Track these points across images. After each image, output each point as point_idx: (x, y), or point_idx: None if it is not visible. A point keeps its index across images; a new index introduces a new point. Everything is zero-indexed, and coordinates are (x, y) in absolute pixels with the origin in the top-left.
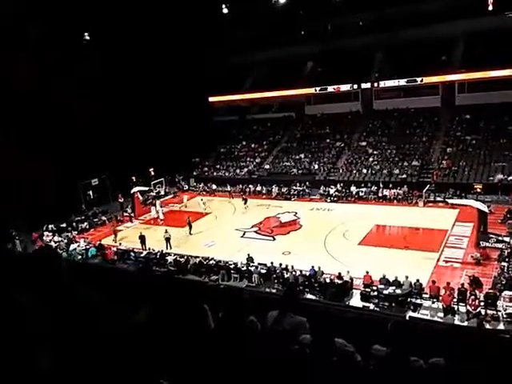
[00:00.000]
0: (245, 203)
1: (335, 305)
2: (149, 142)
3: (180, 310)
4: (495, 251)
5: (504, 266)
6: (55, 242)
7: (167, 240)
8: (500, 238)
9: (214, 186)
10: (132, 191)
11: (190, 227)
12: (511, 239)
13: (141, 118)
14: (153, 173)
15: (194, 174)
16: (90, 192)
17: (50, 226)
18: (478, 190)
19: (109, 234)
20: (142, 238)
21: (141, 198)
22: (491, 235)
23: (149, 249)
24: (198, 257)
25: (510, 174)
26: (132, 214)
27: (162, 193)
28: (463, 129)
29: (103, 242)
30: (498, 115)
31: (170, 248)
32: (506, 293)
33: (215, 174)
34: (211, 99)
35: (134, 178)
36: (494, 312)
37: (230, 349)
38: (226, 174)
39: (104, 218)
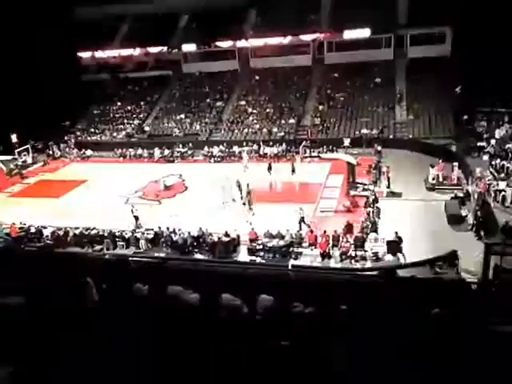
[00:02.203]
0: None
1: (224, 262)
2: (9, 104)
3: (58, 286)
4: (362, 198)
5: (369, 212)
6: None
7: None
8: (366, 187)
9: (90, 152)
10: None
11: None
12: (375, 187)
13: None
14: (15, 139)
15: (66, 138)
16: None
17: None
18: (347, 144)
19: None
20: None
21: (4, 168)
22: (358, 184)
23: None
24: (79, 228)
25: (372, 128)
26: None
27: (30, 161)
28: (333, 87)
29: None
30: (361, 73)
31: None
32: (372, 235)
33: (90, 138)
34: (81, 54)
35: None
36: (363, 252)
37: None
38: (103, 137)
39: None
